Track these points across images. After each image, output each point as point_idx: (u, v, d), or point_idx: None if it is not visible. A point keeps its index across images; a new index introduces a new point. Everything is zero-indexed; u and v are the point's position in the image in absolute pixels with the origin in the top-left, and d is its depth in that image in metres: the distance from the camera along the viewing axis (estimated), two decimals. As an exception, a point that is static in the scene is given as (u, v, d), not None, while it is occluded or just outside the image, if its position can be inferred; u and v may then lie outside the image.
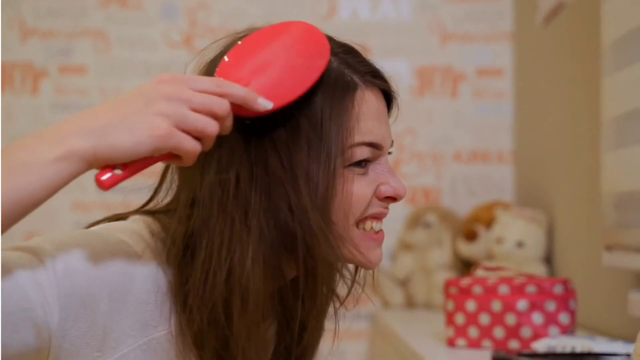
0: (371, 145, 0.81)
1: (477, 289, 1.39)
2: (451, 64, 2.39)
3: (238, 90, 0.74)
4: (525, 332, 1.34)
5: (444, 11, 2.39)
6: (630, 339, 1.27)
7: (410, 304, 2.25)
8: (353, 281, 0.90)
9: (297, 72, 0.79)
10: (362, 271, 0.90)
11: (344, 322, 0.96)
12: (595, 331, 1.55)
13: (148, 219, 0.83)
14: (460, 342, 1.40)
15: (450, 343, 1.41)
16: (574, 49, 1.80)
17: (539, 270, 1.93)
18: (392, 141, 0.85)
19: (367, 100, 0.82)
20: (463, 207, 2.33)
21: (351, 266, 0.90)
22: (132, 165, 0.71)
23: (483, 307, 1.37)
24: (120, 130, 0.69)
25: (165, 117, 0.70)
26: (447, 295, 1.43)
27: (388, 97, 0.87)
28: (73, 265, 0.74)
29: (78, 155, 0.68)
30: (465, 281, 1.41)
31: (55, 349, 0.74)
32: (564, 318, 1.33)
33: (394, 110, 0.88)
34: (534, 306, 1.34)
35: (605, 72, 1.47)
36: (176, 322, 0.80)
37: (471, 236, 2.11)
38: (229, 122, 0.74)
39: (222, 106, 0.73)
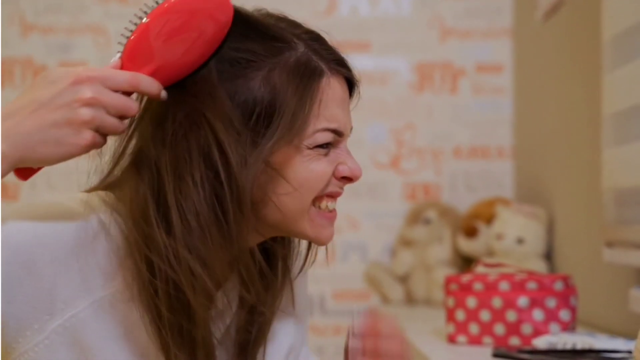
0: (334, 131, 0.86)
1: (478, 286, 1.39)
2: (451, 60, 2.39)
3: (150, 87, 0.79)
4: (526, 328, 1.34)
5: (443, 7, 2.39)
6: (631, 336, 1.27)
7: (409, 300, 2.25)
8: (307, 256, 0.95)
9: (191, 40, 0.81)
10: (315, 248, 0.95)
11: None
12: (595, 328, 1.55)
13: (99, 191, 0.87)
14: (461, 338, 1.40)
15: (451, 340, 1.42)
16: (574, 45, 1.80)
17: (539, 266, 1.93)
18: (352, 127, 0.90)
19: (332, 87, 0.86)
20: (463, 203, 2.33)
21: (304, 243, 0.95)
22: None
23: (483, 303, 1.37)
24: (49, 142, 0.75)
25: (89, 124, 0.76)
26: (448, 291, 1.43)
27: (350, 85, 0.91)
28: (10, 233, 0.79)
29: (6, 161, 0.75)
30: (465, 278, 1.41)
31: (4, 317, 0.79)
32: (564, 315, 1.33)
33: (355, 97, 0.92)
34: (534, 303, 1.34)
35: (605, 68, 1.46)
36: (123, 280, 0.83)
37: (471, 232, 2.11)
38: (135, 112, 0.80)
39: (133, 109, 0.79)
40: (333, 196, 0.88)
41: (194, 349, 0.84)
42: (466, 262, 2.18)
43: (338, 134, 0.87)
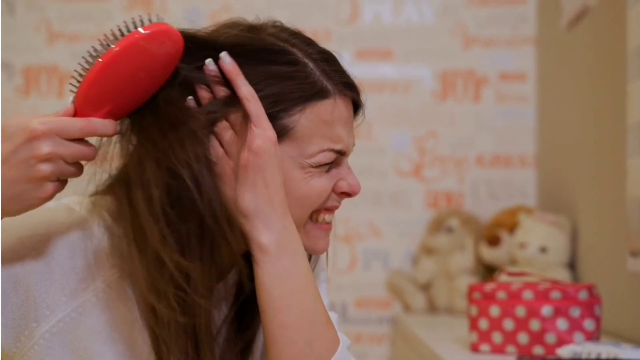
0: (338, 152, 0.88)
1: (501, 294, 1.38)
2: (474, 68, 2.38)
3: (105, 130, 0.80)
4: (550, 338, 1.33)
5: (466, 15, 2.39)
6: (656, 346, 1.26)
7: (431, 308, 2.25)
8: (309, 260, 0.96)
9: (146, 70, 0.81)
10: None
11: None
12: (620, 338, 1.54)
13: (80, 198, 0.90)
14: (484, 347, 1.40)
15: (474, 348, 1.41)
16: (598, 54, 1.79)
17: (562, 275, 1.92)
18: (354, 144, 0.92)
19: (339, 108, 0.87)
20: (485, 211, 2.32)
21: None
22: None
23: (507, 312, 1.37)
24: (11, 198, 0.77)
25: (49, 178, 0.78)
26: (471, 300, 1.42)
27: (356, 105, 0.92)
28: None
29: None
30: (489, 286, 1.41)
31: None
32: (589, 324, 1.33)
33: (360, 116, 0.94)
34: (558, 312, 1.33)
35: (630, 77, 1.46)
36: (104, 281, 0.86)
37: (494, 241, 2.11)
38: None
39: (91, 153, 0.80)
40: (331, 210, 0.91)
41: (193, 340, 0.86)
42: (488, 270, 2.17)
43: (341, 153, 0.88)
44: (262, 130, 0.82)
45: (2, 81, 2.41)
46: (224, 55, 0.83)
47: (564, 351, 1.27)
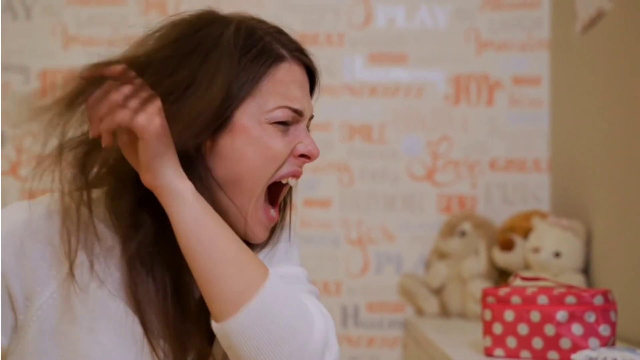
0: (295, 111, 0.94)
1: (516, 299, 1.38)
2: (487, 72, 2.38)
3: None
4: (565, 343, 1.33)
5: (480, 19, 2.39)
6: (671, 352, 1.26)
7: (444, 312, 2.25)
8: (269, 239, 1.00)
9: None
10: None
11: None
12: (635, 343, 1.54)
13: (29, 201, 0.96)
14: (498, 352, 1.40)
15: (488, 353, 1.41)
16: (613, 58, 1.79)
17: (576, 280, 1.92)
18: (312, 115, 0.99)
19: (293, 71, 0.95)
20: (498, 215, 2.32)
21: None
22: None
23: (521, 317, 1.37)
24: None
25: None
26: (485, 304, 1.42)
27: (312, 76, 1.00)
28: None
29: None
30: (503, 291, 1.41)
31: None
32: (604, 330, 1.32)
33: (317, 89, 1.01)
34: (573, 317, 1.33)
35: (646, 82, 1.46)
36: (80, 265, 0.90)
37: (508, 245, 2.10)
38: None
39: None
40: (294, 175, 0.96)
41: (167, 309, 0.90)
42: (501, 275, 2.17)
43: (298, 112, 0.94)
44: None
45: (18, 85, 2.42)
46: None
47: (578, 356, 1.26)
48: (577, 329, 1.32)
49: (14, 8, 2.42)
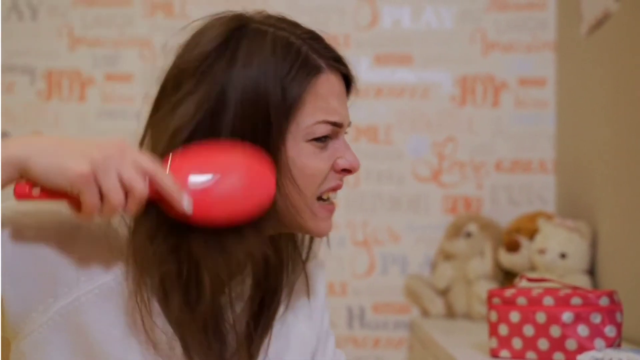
0: (334, 124, 0.91)
1: (521, 300, 1.38)
2: (493, 73, 2.38)
3: (169, 185, 0.81)
4: (570, 344, 1.33)
5: (486, 20, 2.39)
6: (677, 353, 1.25)
7: (450, 313, 2.25)
8: (309, 250, 0.99)
9: (233, 202, 0.83)
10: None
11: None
12: (640, 344, 1.54)
13: None
14: (504, 353, 1.40)
15: (494, 354, 1.41)
16: (618, 59, 1.78)
17: (582, 281, 1.91)
18: (350, 122, 0.94)
19: (331, 82, 0.91)
20: (504, 216, 2.32)
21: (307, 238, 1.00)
22: (48, 191, 0.78)
23: (527, 318, 1.37)
24: (53, 155, 0.77)
25: (92, 164, 0.77)
26: (491, 305, 1.42)
27: (348, 82, 0.96)
28: (16, 218, 0.84)
29: (16, 161, 0.77)
30: (509, 292, 1.41)
31: (11, 298, 0.84)
32: (610, 331, 1.32)
33: (352, 94, 0.98)
34: (579, 318, 1.33)
35: (652, 83, 1.45)
36: (125, 266, 0.87)
37: (513, 247, 2.10)
38: (134, 207, 0.80)
39: (141, 192, 0.79)
40: (334, 189, 0.93)
41: (206, 334, 0.88)
42: (507, 276, 2.17)
43: (337, 125, 0.91)
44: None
45: (24, 85, 2.43)
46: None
47: (584, 357, 1.26)
48: (582, 330, 1.32)
49: (19, 9, 2.43)
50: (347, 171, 0.93)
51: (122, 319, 0.87)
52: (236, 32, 0.90)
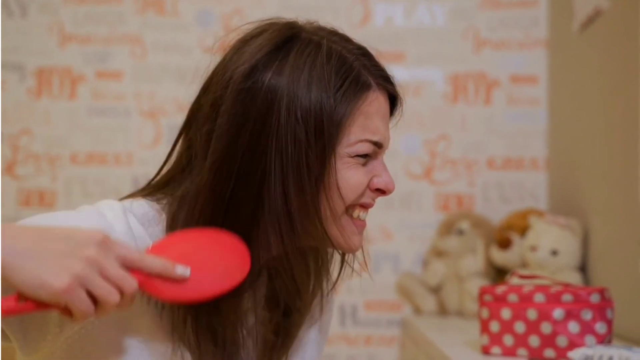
0: (375, 143, 0.90)
1: (513, 297, 1.38)
2: (485, 71, 2.38)
3: (159, 264, 0.79)
4: (561, 341, 1.33)
5: (478, 18, 2.38)
6: (668, 350, 1.25)
7: (442, 311, 2.24)
8: (342, 264, 0.97)
9: (216, 275, 0.82)
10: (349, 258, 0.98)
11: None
12: (631, 341, 1.54)
13: (111, 202, 0.89)
14: (495, 350, 1.39)
15: (485, 351, 1.41)
16: (611, 57, 1.78)
17: (573, 278, 1.92)
18: (389, 143, 0.94)
19: (379, 101, 0.90)
20: (496, 214, 2.32)
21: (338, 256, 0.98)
22: (34, 303, 0.74)
23: (518, 315, 1.37)
24: (32, 264, 0.72)
25: (72, 276, 0.73)
26: (482, 302, 1.42)
27: (393, 101, 0.95)
28: None
29: None
30: (500, 289, 1.41)
31: (24, 328, 0.83)
32: (600, 327, 1.32)
33: (397, 114, 0.96)
34: (570, 315, 1.33)
35: (643, 79, 1.45)
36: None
37: (505, 244, 2.10)
38: (130, 301, 0.77)
39: (131, 286, 0.76)
40: (365, 207, 0.92)
41: (219, 345, 0.88)
42: (499, 273, 2.17)
43: (378, 145, 0.91)
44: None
45: (14, 83, 2.42)
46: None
47: (575, 354, 1.26)
48: (573, 326, 1.32)
49: (9, 6, 2.42)
50: (381, 192, 0.92)
51: (129, 339, 0.87)
52: (288, 42, 0.89)
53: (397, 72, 2.54)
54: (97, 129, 2.40)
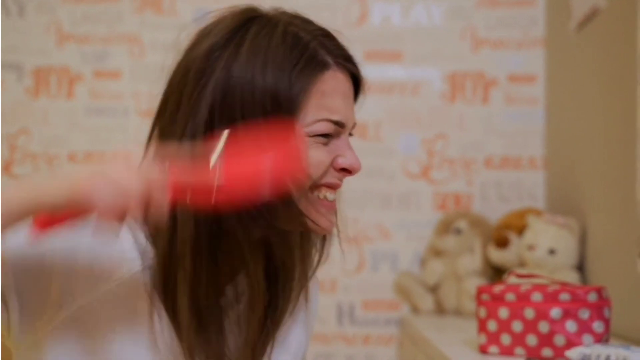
0: (336, 123, 0.88)
1: (510, 296, 1.38)
2: (483, 70, 2.38)
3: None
4: (559, 340, 1.33)
5: (476, 17, 2.39)
6: (665, 349, 1.26)
7: (440, 310, 2.25)
8: (322, 247, 0.98)
9: (257, 168, 0.81)
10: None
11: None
12: (629, 340, 1.54)
13: None
14: (493, 349, 1.40)
15: (483, 350, 1.41)
16: (608, 56, 1.79)
17: (571, 277, 1.92)
18: (355, 123, 0.92)
19: (337, 80, 0.89)
20: (494, 213, 2.32)
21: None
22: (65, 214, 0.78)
23: (516, 314, 1.37)
24: (58, 181, 0.77)
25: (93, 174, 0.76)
26: (480, 302, 1.42)
27: (357, 83, 0.93)
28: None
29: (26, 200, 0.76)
30: (497, 288, 1.41)
31: (17, 308, 0.85)
32: (598, 326, 1.32)
33: (361, 96, 0.95)
34: (567, 314, 1.33)
35: (640, 79, 1.46)
36: (129, 271, 0.88)
37: (503, 243, 2.10)
38: (163, 198, 0.78)
39: (162, 183, 0.78)
40: (332, 187, 0.91)
41: (206, 336, 0.89)
42: (497, 272, 2.17)
43: (339, 125, 0.89)
44: None
45: (12, 82, 2.42)
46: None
47: (572, 353, 1.26)
48: (571, 325, 1.32)
49: (6, 5, 2.42)
50: (346, 171, 0.91)
51: (128, 322, 0.88)
52: (245, 25, 0.89)
53: (395, 72, 2.57)
54: (95, 129, 2.40)
